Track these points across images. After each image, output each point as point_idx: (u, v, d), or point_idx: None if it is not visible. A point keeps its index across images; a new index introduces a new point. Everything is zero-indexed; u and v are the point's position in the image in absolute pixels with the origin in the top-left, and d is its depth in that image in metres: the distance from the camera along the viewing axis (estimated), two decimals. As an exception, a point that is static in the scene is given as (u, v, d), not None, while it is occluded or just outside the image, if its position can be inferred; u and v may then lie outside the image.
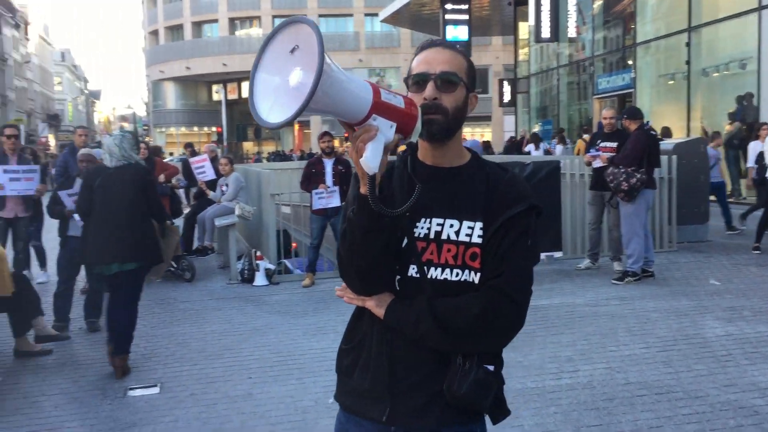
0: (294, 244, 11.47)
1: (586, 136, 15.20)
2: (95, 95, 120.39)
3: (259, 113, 1.50)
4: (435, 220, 1.78)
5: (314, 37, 1.42)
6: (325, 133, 8.46)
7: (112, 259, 5.28)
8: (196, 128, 53.54)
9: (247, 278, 8.57)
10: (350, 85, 1.50)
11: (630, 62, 21.14)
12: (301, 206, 10.67)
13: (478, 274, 1.75)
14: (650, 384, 4.79)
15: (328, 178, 8.28)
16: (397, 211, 1.63)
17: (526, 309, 1.77)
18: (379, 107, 1.55)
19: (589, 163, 8.52)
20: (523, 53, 29.61)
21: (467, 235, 1.76)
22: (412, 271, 1.77)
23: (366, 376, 1.82)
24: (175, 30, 53.14)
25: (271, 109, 1.50)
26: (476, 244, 1.75)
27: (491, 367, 1.78)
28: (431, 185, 1.79)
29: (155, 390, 5.03)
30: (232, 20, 50.06)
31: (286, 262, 9.38)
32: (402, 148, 1.71)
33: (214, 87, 52.23)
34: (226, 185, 9.73)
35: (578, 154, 14.82)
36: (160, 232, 5.70)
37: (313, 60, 1.40)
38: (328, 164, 8.35)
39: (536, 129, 26.05)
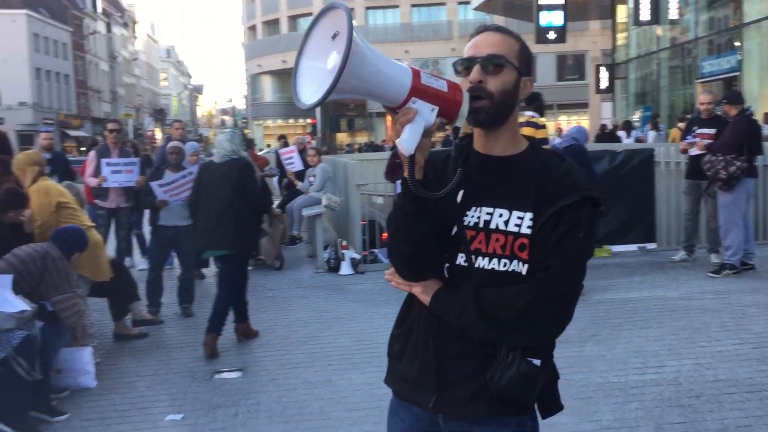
0: (385, 234, 11.55)
1: (681, 125, 14.52)
2: (198, 90, 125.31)
3: (300, 97, 1.55)
4: (485, 209, 1.76)
5: (345, 21, 1.45)
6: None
7: (206, 246, 5.80)
8: (291, 120, 54.73)
9: (333, 267, 8.73)
10: (386, 68, 1.52)
11: (736, 44, 20.03)
12: (386, 195, 10.73)
13: (526, 265, 1.72)
14: (741, 381, 4.57)
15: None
16: (436, 194, 1.62)
17: (573, 304, 1.73)
18: (419, 90, 1.56)
19: (685, 151, 8.15)
20: (621, 37, 28.58)
21: (516, 225, 1.73)
22: (461, 259, 1.77)
23: (413, 364, 1.83)
24: (272, 24, 54.41)
25: (315, 92, 1.53)
26: (525, 235, 1.72)
27: (537, 361, 1.73)
28: (483, 174, 1.79)
29: (239, 374, 5.21)
30: (326, 13, 50.75)
31: (376, 251, 9.47)
32: (440, 133, 1.71)
33: (309, 79, 53.20)
34: (314, 176, 9.92)
35: (673, 142, 14.21)
36: (268, 220, 6.22)
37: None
38: (413, 154, 8.34)
39: (637, 115, 25.08)
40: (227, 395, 4.81)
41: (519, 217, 1.73)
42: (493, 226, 1.75)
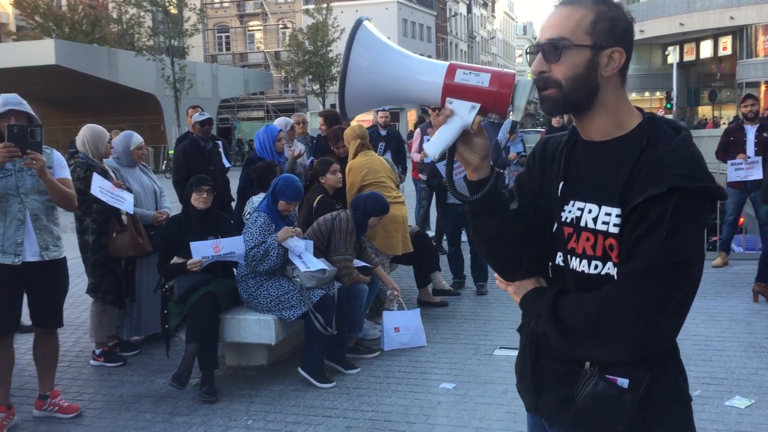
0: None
1: None
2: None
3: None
4: (577, 204, 1.57)
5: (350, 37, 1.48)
6: (748, 96, 7.48)
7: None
8: (647, 93, 51.75)
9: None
10: (406, 72, 1.49)
11: None
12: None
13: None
14: None
15: (750, 147, 7.32)
16: (471, 197, 1.55)
17: (653, 317, 1.42)
18: (451, 89, 1.48)
19: None
20: None
21: (604, 222, 1.51)
22: (559, 258, 1.61)
23: (519, 365, 1.76)
24: (630, -7, 51.76)
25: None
26: (613, 234, 1.49)
27: (623, 381, 1.48)
28: (582, 162, 1.59)
29: (520, 352, 5.20)
30: (692, -24, 46.63)
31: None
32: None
33: (669, 48, 49.58)
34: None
35: None
36: None
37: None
38: (750, 131, 7.37)
39: None
40: (503, 372, 4.85)
41: (607, 214, 1.51)
42: (582, 223, 1.55)
